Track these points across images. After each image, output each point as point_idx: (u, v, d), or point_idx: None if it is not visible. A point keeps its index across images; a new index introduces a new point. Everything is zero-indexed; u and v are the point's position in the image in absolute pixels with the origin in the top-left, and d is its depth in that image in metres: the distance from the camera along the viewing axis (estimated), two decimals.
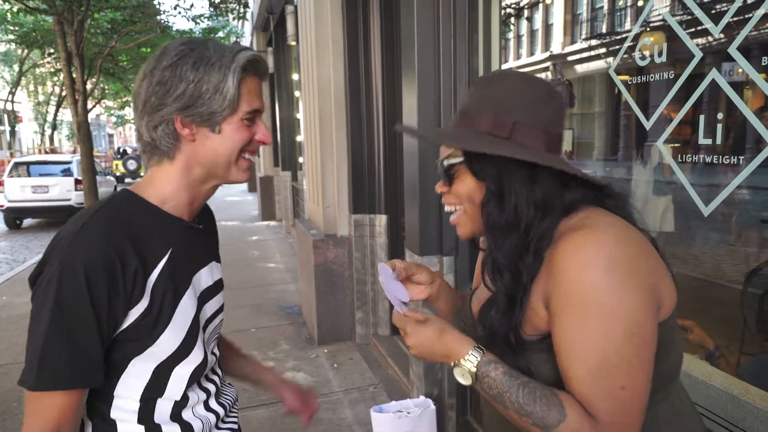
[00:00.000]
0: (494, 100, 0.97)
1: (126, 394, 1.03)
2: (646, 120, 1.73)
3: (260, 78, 1.06)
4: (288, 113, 9.43)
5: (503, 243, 0.95)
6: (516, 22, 3.12)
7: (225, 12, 12.28)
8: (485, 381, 0.91)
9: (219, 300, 1.20)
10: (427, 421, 2.55)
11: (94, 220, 0.97)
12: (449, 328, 0.97)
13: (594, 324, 0.83)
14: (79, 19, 9.65)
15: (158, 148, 1.03)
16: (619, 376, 0.83)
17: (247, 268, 7.26)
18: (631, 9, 2.22)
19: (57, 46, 11.15)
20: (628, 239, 0.88)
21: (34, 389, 0.93)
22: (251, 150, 1.08)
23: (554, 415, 0.85)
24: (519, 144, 0.94)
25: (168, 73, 0.98)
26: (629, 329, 0.83)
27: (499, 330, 0.95)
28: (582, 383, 0.85)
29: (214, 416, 1.15)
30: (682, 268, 2.16)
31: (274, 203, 11.41)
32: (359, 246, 4.35)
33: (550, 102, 0.97)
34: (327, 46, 4.31)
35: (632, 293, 0.83)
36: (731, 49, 1.37)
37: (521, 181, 0.93)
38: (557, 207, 0.94)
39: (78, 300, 0.91)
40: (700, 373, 1.61)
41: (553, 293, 0.88)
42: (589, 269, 0.84)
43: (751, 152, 1.39)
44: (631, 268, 0.85)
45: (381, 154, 4.21)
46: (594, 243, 0.86)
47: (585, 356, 0.84)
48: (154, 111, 1.00)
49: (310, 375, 3.92)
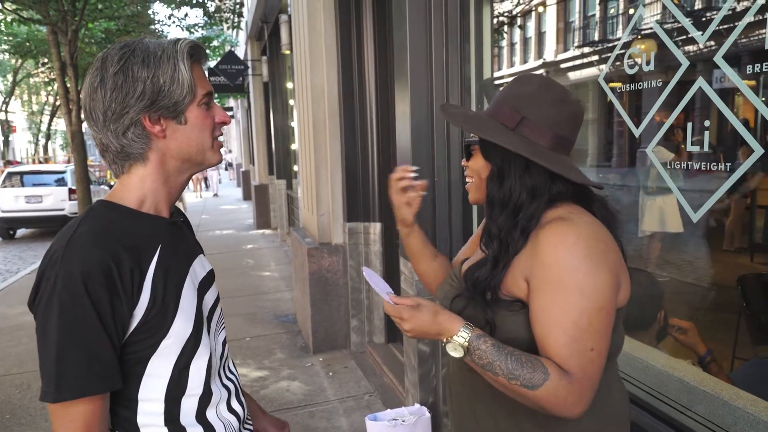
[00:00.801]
0: (515, 96, 1.14)
1: (150, 396, 1.04)
2: (636, 127, 1.75)
3: (201, 63, 1.10)
4: (282, 121, 9.44)
5: (498, 216, 1.13)
6: (509, 30, 3.15)
7: (219, 21, 12.31)
8: (476, 353, 1.04)
9: (215, 290, 1.23)
10: (422, 428, 2.54)
11: (81, 232, 0.98)
12: (441, 308, 1.10)
13: (570, 298, 1.00)
14: (73, 29, 9.64)
15: (131, 154, 1.04)
16: (589, 339, 1.01)
17: (241, 276, 7.24)
18: (623, 17, 2.25)
19: (51, 56, 11.15)
20: (601, 236, 1.05)
21: (56, 401, 0.93)
22: (218, 133, 1.11)
23: (539, 375, 0.99)
24: (521, 137, 1.10)
25: (120, 78, 0.99)
26: (599, 304, 1.01)
27: (480, 285, 1.12)
28: (559, 344, 1.01)
29: (236, 419, 1.17)
30: (676, 273, 2.17)
31: (269, 212, 11.40)
32: (354, 254, 4.35)
33: (562, 106, 1.12)
34: (320, 54, 4.33)
35: (603, 276, 1.01)
36: (717, 58, 1.38)
37: (518, 169, 1.10)
38: (545, 195, 1.11)
39: (81, 309, 0.92)
40: (692, 378, 1.62)
41: (535, 270, 1.05)
42: (569, 253, 1.01)
43: (737, 159, 1.40)
44: (602, 257, 1.02)
45: (375, 161, 4.22)
46: (575, 233, 1.03)
47: (561, 321, 1.01)
48: (119, 117, 1.00)
49: (305, 383, 3.91)
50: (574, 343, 1.00)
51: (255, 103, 12.05)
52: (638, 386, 1.74)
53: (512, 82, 1.18)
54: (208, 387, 1.10)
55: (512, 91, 1.15)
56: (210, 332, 1.13)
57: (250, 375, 4.08)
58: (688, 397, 1.59)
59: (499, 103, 1.15)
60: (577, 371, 1.00)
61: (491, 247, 1.13)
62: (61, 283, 0.92)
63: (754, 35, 1.34)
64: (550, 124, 1.11)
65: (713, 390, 1.53)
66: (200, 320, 1.09)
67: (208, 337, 1.11)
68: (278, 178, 9.79)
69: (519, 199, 1.10)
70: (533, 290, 1.05)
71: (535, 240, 1.07)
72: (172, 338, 1.02)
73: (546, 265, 1.03)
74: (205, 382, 1.09)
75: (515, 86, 1.16)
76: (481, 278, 1.12)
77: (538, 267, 1.04)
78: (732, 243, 1.95)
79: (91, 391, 0.94)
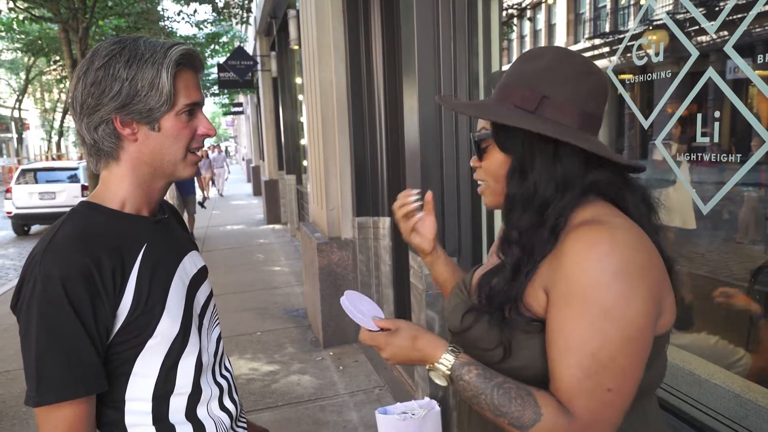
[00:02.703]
0: (528, 74, 0.96)
1: (137, 395, 1.03)
2: (645, 119, 1.73)
3: (195, 71, 1.06)
4: (292, 117, 9.45)
5: (519, 217, 0.94)
6: (518, 22, 3.12)
7: (228, 17, 12.33)
8: (460, 383, 0.91)
9: (207, 286, 1.21)
10: (432, 422, 2.55)
11: (62, 234, 0.97)
12: (421, 332, 0.98)
13: (594, 322, 0.82)
14: (84, 26, 9.70)
15: (102, 150, 1.03)
16: (607, 377, 0.83)
17: (252, 271, 7.28)
18: (635, 7, 2.23)
19: (62, 54, 11.22)
20: (642, 246, 0.86)
21: (38, 405, 0.93)
22: (196, 145, 1.07)
23: (529, 414, 0.84)
24: (543, 119, 0.92)
25: (101, 74, 0.98)
26: (628, 334, 0.82)
27: (498, 297, 0.94)
28: (569, 377, 0.84)
29: (228, 417, 1.16)
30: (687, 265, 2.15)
31: (279, 207, 11.43)
32: (363, 248, 4.36)
33: (586, 78, 0.94)
34: (329, 49, 4.33)
35: (638, 300, 0.82)
36: (727, 48, 1.36)
37: (544, 157, 0.92)
38: (578, 186, 0.93)
39: (60, 312, 0.91)
40: (703, 371, 1.60)
41: (557, 281, 0.87)
42: (599, 267, 0.83)
43: (749, 150, 1.39)
44: (641, 275, 0.84)
45: (383, 156, 4.21)
46: (609, 242, 0.84)
47: (577, 350, 0.83)
48: (92, 113, 0.99)
49: (316, 378, 3.93)
50: (587, 380, 0.83)
51: (264, 99, 12.08)
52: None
53: (519, 59, 1.00)
54: (198, 385, 1.09)
55: (524, 69, 0.97)
56: (202, 329, 1.12)
57: (261, 369, 4.11)
58: (700, 390, 1.58)
59: (508, 86, 0.97)
60: (583, 414, 0.83)
61: (510, 254, 0.95)
62: (40, 287, 0.91)
63: (765, 24, 1.32)
64: (578, 100, 0.93)
65: (724, 383, 1.52)
66: (189, 318, 1.07)
67: (198, 334, 1.10)
68: (288, 173, 9.82)
69: (546, 194, 0.92)
70: (551, 305, 0.88)
71: (560, 245, 0.89)
72: (159, 337, 1.02)
73: (568, 276, 0.85)
74: (195, 380, 1.08)
75: (525, 62, 0.98)
76: (498, 288, 0.95)
77: (560, 278, 0.86)
78: (746, 235, 1.93)
79: (72, 395, 0.93)
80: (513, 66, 1.00)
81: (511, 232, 0.96)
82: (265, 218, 11.75)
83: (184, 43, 1.06)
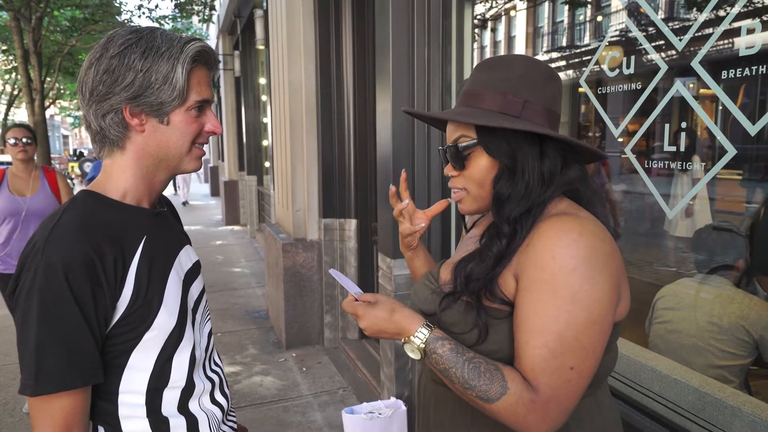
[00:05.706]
0: (503, 80, 1.02)
1: (131, 388, 1.02)
2: (615, 128, 1.82)
3: (209, 68, 1.07)
4: (254, 117, 9.36)
5: (510, 213, 0.99)
6: (493, 29, 3.21)
7: (190, 14, 12.11)
8: (433, 357, 0.96)
9: (201, 281, 1.22)
10: (398, 422, 2.58)
11: (63, 223, 0.96)
12: (399, 306, 1.02)
13: (561, 305, 0.88)
14: (38, 16, 9.37)
15: (107, 137, 1.02)
16: (571, 356, 0.89)
17: (211, 272, 7.16)
18: (605, 19, 2.33)
19: (12, 43, 10.78)
20: (605, 236, 0.94)
21: (35, 395, 0.91)
22: (202, 141, 1.08)
23: (496, 388, 0.90)
24: (530, 122, 1.00)
25: (115, 62, 0.97)
26: (592, 317, 0.89)
27: (475, 282, 0.99)
28: (534, 355, 0.89)
29: (219, 411, 1.16)
30: None
31: (239, 208, 11.27)
32: (329, 250, 4.36)
33: (551, 82, 1.04)
34: (299, 50, 4.33)
35: (602, 284, 0.89)
36: (694, 63, 1.46)
37: (532, 156, 1.00)
38: (557, 181, 1.01)
39: (62, 302, 0.90)
40: (679, 375, 1.69)
41: (527, 267, 0.93)
42: (568, 253, 0.89)
43: (711, 160, 1.48)
44: (605, 261, 0.90)
45: (352, 158, 4.24)
46: (578, 231, 0.91)
47: (545, 331, 0.89)
48: (102, 100, 0.99)
49: (279, 379, 3.91)
50: (552, 359, 0.89)
51: (226, 98, 11.90)
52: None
53: (484, 67, 1.07)
54: (191, 379, 1.09)
55: (495, 76, 1.04)
56: (195, 324, 1.12)
57: (224, 370, 4.05)
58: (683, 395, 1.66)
59: (479, 94, 1.04)
60: (546, 390, 0.89)
61: (497, 244, 1.00)
62: (41, 275, 0.90)
63: (727, 43, 1.42)
64: (547, 102, 1.02)
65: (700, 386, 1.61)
66: (184, 312, 1.07)
67: (192, 329, 1.10)
68: (249, 174, 9.70)
69: (536, 189, 0.99)
70: (521, 290, 0.94)
71: (531, 234, 0.96)
72: (156, 331, 1.01)
73: (538, 261, 0.91)
74: (188, 374, 1.08)
75: (494, 70, 1.05)
76: (476, 273, 1.00)
77: (531, 264, 0.92)
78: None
79: (71, 385, 0.92)
80: (478, 74, 1.07)
81: (503, 225, 1.00)
82: (224, 219, 11.56)
83: (200, 39, 1.05)
